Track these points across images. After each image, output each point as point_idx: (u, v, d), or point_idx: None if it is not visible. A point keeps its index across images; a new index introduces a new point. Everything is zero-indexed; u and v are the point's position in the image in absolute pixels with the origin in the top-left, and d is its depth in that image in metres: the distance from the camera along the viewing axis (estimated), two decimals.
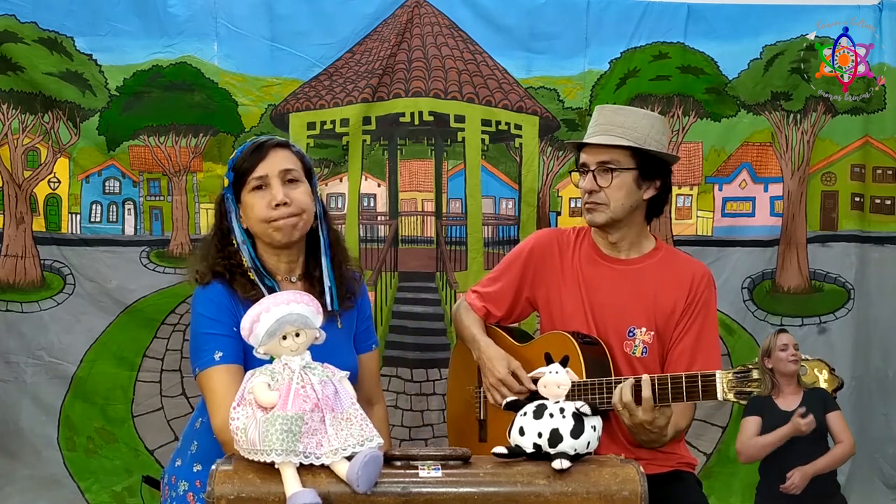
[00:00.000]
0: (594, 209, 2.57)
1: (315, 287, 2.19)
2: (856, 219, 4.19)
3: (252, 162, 2.16)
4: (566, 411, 1.79)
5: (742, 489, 4.13)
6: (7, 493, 3.92)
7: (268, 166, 2.15)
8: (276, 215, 2.13)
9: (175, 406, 4.00)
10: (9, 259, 3.97)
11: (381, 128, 4.09)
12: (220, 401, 1.94)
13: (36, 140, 3.97)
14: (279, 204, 2.13)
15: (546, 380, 1.84)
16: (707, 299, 2.57)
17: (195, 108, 3.99)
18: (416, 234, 4.12)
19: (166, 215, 4.03)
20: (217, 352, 2.04)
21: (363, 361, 2.31)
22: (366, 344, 2.34)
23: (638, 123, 2.58)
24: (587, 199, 2.58)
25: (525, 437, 1.80)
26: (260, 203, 2.14)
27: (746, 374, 2.24)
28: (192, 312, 2.16)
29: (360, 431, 1.70)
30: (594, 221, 2.59)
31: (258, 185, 2.15)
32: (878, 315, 4.19)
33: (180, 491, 2.21)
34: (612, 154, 2.55)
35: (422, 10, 4.09)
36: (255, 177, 2.15)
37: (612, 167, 2.54)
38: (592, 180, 2.56)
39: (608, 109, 2.68)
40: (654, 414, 2.29)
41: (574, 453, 1.77)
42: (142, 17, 3.95)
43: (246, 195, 2.17)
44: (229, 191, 2.19)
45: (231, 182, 2.18)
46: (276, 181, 2.15)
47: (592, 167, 2.57)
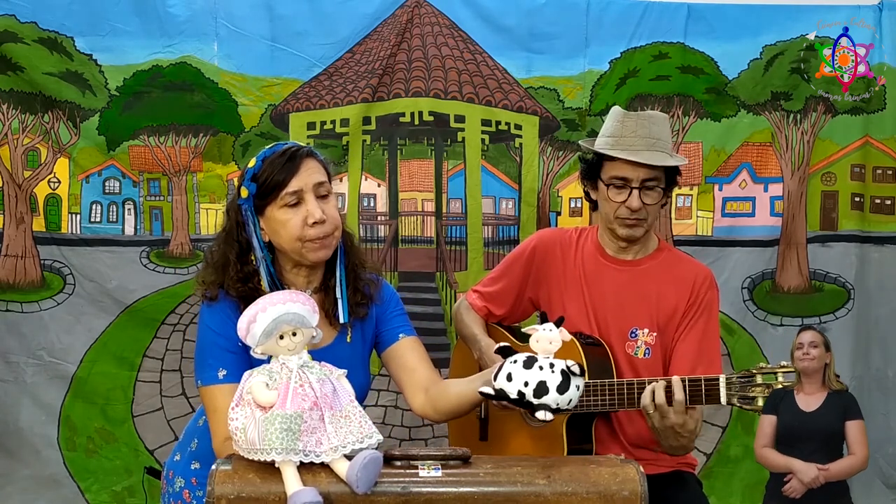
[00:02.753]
0: (636, 225, 2.52)
1: (330, 297, 2.10)
2: (856, 219, 4.19)
3: (284, 175, 1.99)
4: (556, 367, 1.82)
5: (742, 489, 4.13)
6: (7, 493, 3.92)
7: (302, 180, 2.00)
8: (312, 234, 2.00)
9: (175, 406, 4.00)
10: (9, 259, 3.97)
11: (381, 128, 4.09)
12: (221, 419, 1.86)
13: (36, 140, 3.97)
14: (316, 222, 1.99)
15: (539, 335, 1.85)
16: (709, 301, 2.56)
17: (195, 108, 4.00)
18: (416, 234, 4.12)
19: (166, 215, 4.03)
20: (221, 369, 1.98)
21: (394, 351, 2.17)
22: (392, 336, 2.18)
23: (666, 132, 2.53)
24: (630, 216, 2.50)
25: (512, 383, 1.82)
26: (294, 220, 2.00)
27: (750, 379, 2.23)
28: (200, 322, 2.08)
29: (359, 429, 1.70)
30: (634, 237, 2.54)
31: (292, 203, 2.00)
32: (878, 315, 4.19)
33: (177, 487, 2.21)
34: (657, 171, 2.49)
35: (422, 10, 4.09)
36: (288, 192, 1.99)
37: (654, 185, 2.50)
38: (639, 198, 2.48)
39: (641, 119, 2.55)
40: (685, 417, 2.27)
41: (556, 407, 1.80)
42: (142, 17, 3.95)
43: (274, 210, 2.01)
44: (248, 203, 2.03)
45: (252, 194, 2.02)
46: (310, 196, 2.00)
47: (636, 185, 2.49)
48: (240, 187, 2.05)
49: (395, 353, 2.18)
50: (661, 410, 2.27)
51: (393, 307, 2.22)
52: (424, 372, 2.15)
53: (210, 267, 2.11)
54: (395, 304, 2.23)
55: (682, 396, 2.26)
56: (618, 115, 2.56)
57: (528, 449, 2.51)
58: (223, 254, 2.08)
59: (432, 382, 2.13)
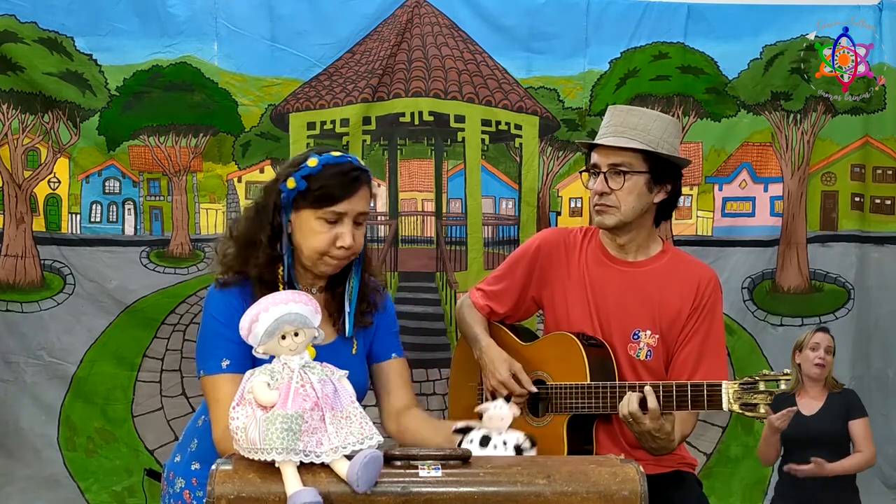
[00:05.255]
0: (604, 211, 2.53)
1: (335, 300, 2.13)
2: (856, 219, 4.19)
3: (339, 194, 2.01)
4: (508, 443, 1.88)
5: (742, 489, 4.13)
6: (7, 493, 3.92)
7: (351, 205, 2.03)
8: (335, 255, 2.04)
9: (175, 406, 3.99)
10: (9, 259, 3.97)
11: (381, 128, 4.09)
12: (223, 410, 1.87)
13: (36, 140, 3.97)
14: (344, 247, 2.03)
15: (490, 413, 1.91)
16: (713, 304, 2.56)
17: (195, 108, 4.00)
18: (416, 234, 4.12)
19: (166, 215, 4.03)
20: (225, 360, 2.00)
21: (382, 369, 2.22)
22: (383, 353, 2.23)
23: (651, 125, 2.53)
24: (597, 201, 2.53)
25: None
26: (325, 236, 2.03)
27: (753, 386, 2.23)
28: (204, 312, 2.08)
29: (359, 429, 1.70)
30: (604, 224, 2.55)
31: (332, 220, 2.03)
32: (878, 315, 4.19)
33: (177, 488, 2.21)
34: (625, 156, 2.50)
35: (422, 10, 4.09)
36: (334, 210, 2.02)
37: (624, 170, 2.50)
38: (603, 182, 2.51)
39: (621, 110, 2.62)
40: (660, 422, 2.30)
41: None
42: (142, 17, 3.95)
43: (311, 216, 2.03)
44: (290, 194, 2.03)
45: (299, 191, 2.02)
46: (349, 221, 2.03)
47: (604, 169, 2.52)
48: (289, 177, 2.04)
49: (383, 370, 2.22)
50: (635, 417, 2.30)
51: (392, 322, 2.26)
52: (403, 397, 2.22)
53: (233, 241, 2.11)
54: (394, 321, 2.28)
55: (655, 405, 2.28)
56: (608, 110, 2.62)
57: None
58: (252, 232, 2.08)
59: (406, 409, 2.19)
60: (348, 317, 2.11)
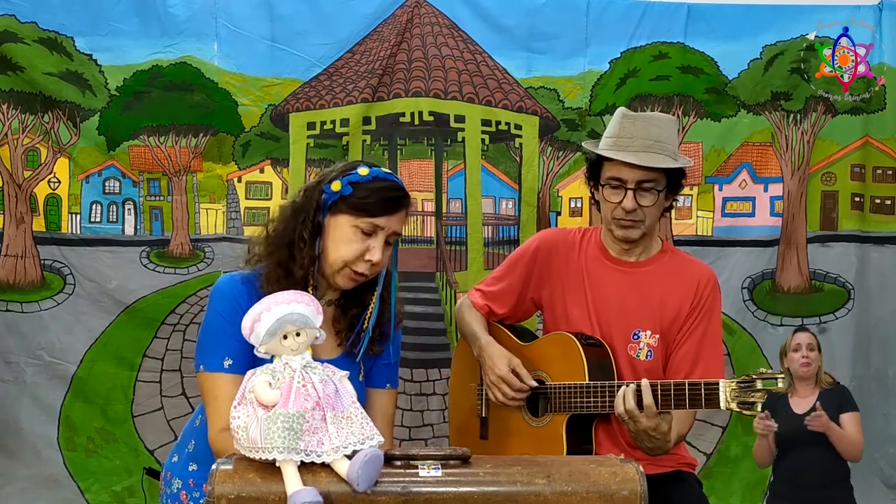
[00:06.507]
0: (632, 227, 2.50)
1: (345, 318, 2.11)
2: (856, 219, 4.19)
3: (382, 209, 2.02)
4: None
5: (742, 489, 4.13)
6: (7, 493, 3.92)
7: (389, 223, 2.04)
8: (359, 268, 2.03)
9: (175, 406, 4.00)
10: (9, 259, 3.97)
11: (381, 128, 4.09)
12: (221, 406, 1.88)
13: (36, 140, 3.97)
14: (371, 262, 2.02)
15: None
16: (712, 303, 2.55)
17: (195, 108, 4.00)
18: (416, 234, 4.12)
19: (166, 215, 4.03)
20: (228, 359, 1.98)
21: (372, 395, 2.18)
22: (379, 380, 2.20)
23: (668, 134, 2.51)
24: (624, 217, 2.48)
25: None
26: (356, 247, 2.02)
27: (750, 384, 2.23)
28: (209, 306, 2.06)
29: (360, 430, 1.70)
30: (630, 238, 2.52)
31: (367, 232, 2.03)
32: (878, 315, 4.19)
33: (174, 489, 2.20)
34: (654, 173, 2.47)
35: (422, 10, 4.09)
36: (373, 223, 2.02)
37: (655, 187, 2.48)
38: (633, 199, 2.47)
39: (641, 120, 2.53)
40: (657, 420, 2.29)
41: None
42: (142, 17, 3.95)
43: (346, 223, 2.02)
44: (332, 197, 2.01)
45: (342, 195, 2.01)
46: (382, 237, 2.04)
47: (631, 185, 2.46)
48: (335, 180, 2.03)
49: (374, 398, 2.19)
50: (632, 415, 2.29)
51: (395, 351, 2.25)
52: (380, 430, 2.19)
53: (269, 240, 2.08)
54: (397, 350, 2.26)
55: (650, 401, 2.28)
56: (619, 116, 2.55)
57: (528, 449, 2.51)
58: (291, 230, 2.06)
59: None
60: (364, 341, 2.08)
